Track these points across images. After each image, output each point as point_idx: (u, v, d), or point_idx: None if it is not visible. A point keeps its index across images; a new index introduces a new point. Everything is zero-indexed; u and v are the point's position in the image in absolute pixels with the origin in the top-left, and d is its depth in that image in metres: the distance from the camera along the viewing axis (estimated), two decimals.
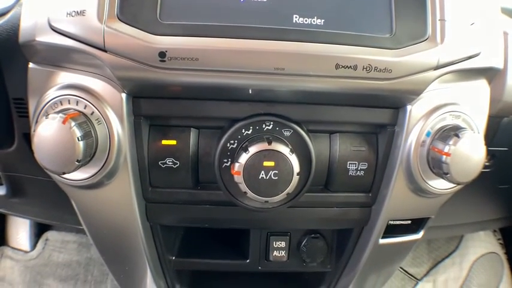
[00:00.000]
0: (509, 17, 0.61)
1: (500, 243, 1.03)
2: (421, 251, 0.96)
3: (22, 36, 0.46)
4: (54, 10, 0.43)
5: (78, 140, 0.42)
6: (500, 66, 0.51)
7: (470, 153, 0.47)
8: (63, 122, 0.43)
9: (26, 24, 0.46)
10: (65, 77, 0.47)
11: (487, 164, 0.64)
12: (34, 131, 0.47)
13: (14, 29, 0.49)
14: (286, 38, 0.41)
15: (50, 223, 0.94)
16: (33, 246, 1.01)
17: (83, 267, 0.93)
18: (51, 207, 0.75)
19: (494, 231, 1.01)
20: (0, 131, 0.60)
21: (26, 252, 1.01)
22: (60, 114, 0.43)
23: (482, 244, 0.99)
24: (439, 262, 0.96)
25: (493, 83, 0.54)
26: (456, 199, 0.58)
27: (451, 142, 0.46)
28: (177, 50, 0.40)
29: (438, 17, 0.44)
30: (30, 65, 0.48)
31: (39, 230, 1.01)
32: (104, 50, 0.42)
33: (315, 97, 0.46)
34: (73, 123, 0.43)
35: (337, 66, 0.41)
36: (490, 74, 0.51)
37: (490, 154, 0.62)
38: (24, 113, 0.54)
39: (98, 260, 0.66)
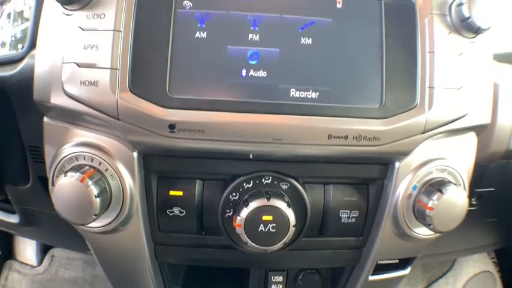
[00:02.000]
0: (504, 62, 0.68)
1: (494, 262, 1.12)
2: (416, 271, 1.06)
3: (36, 95, 0.53)
4: (68, 77, 0.49)
5: (95, 197, 0.51)
6: (488, 121, 0.58)
7: (452, 207, 0.55)
8: (81, 181, 0.51)
9: (40, 85, 0.52)
10: (79, 134, 0.55)
11: (474, 203, 0.72)
12: (53, 185, 0.55)
13: (27, 81, 0.55)
14: (283, 112, 0.49)
15: (58, 246, 1.04)
16: (40, 261, 1.11)
17: (89, 284, 1.03)
18: (61, 235, 0.83)
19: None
20: (16, 170, 0.69)
21: (33, 267, 1.11)
22: (78, 174, 0.50)
23: (476, 264, 1.08)
24: (433, 282, 1.05)
25: (480, 134, 0.61)
26: None
27: (434, 197, 0.54)
28: (185, 123, 0.48)
29: (427, 84, 0.52)
30: (45, 119, 0.56)
31: (45, 247, 1.11)
32: (117, 119, 0.50)
33: (309, 157, 0.54)
34: (90, 182, 0.51)
35: (329, 137, 0.49)
36: (478, 129, 0.59)
37: (478, 195, 0.70)
38: (39, 159, 0.62)
39: (103, 278, 0.75)
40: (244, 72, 0.49)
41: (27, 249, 1.11)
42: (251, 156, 0.51)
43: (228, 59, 0.49)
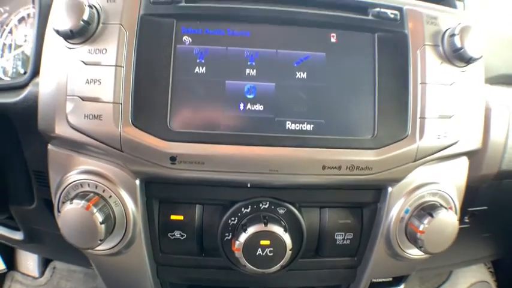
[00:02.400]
0: (495, 84, 0.70)
1: (491, 272, 1.16)
2: (413, 282, 1.09)
3: (41, 125, 0.56)
4: (72, 110, 0.52)
5: (100, 223, 0.54)
6: (479, 146, 0.61)
7: (443, 230, 0.58)
8: (87, 209, 0.54)
9: (44, 115, 0.55)
10: (83, 161, 0.57)
11: (466, 221, 0.75)
12: (58, 211, 0.58)
13: (31, 109, 0.58)
14: (279, 144, 0.52)
15: (61, 261, 1.07)
16: (42, 273, 1.14)
17: None
18: (64, 251, 0.86)
19: None
20: (21, 192, 0.71)
21: (35, 278, 1.14)
22: (83, 202, 0.53)
23: (472, 274, 1.11)
24: None
25: (472, 157, 0.64)
26: None
27: (425, 221, 0.57)
28: (186, 156, 0.51)
29: (419, 115, 0.54)
30: (50, 146, 0.58)
31: (46, 258, 1.14)
32: (120, 150, 0.53)
33: (305, 185, 0.57)
34: (95, 210, 0.54)
35: (323, 167, 0.52)
36: (470, 154, 0.62)
37: (470, 213, 0.73)
38: (44, 183, 0.65)
39: None
40: (242, 106, 0.52)
41: (29, 260, 1.14)
42: (249, 185, 0.55)
43: (227, 93, 0.52)
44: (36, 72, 0.62)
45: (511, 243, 0.87)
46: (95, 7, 0.52)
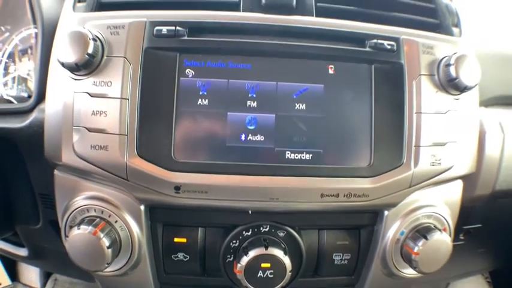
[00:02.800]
0: (489, 106, 0.73)
1: (488, 282, 1.19)
2: None
3: (47, 154, 0.58)
4: (79, 140, 0.54)
5: (107, 248, 0.57)
6: (473, 170, 0.64)
7: (436, 252, 0.61)
8: (94, 234, 0.57)
9: (50, 144, 0.57)
10: (89, 187, 0.60)
11: (461, 238, 0.78)
12: (66, 236, 0.61)
13: (36, 136, 0.60)
14: (279, 174, 0.55)
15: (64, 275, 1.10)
16: (44, 284, 1.17)
17: None
18: (67, 267, 0.89)
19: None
20: (27, 212, 0.74)
21: None
22: (91, 227, 0.56)
23: (470, 285, 1.14)
24: None
25: (466, 179, 0.67)
26: None
27: (420, 244, 0.61)
28: (190, 185, 0.54)
29: (414, 143, 0.57)
30: (56, 172, 0.61)
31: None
32: (126, 179, 0.55)
33: (304, 211, 0.60)
34: (102, 235, 0.57)
35: (322, 195, 0.56)
36: (464, 177, 0.64)
37: (465, 231, 0.77)
38: (50, 205, 0.68)
39: None
40: (243, 137, 0.55)
41: (31, 272, 1.17)
42: (250, 212, 0.58)
43: (229, 124, 0.55)
44: (41, 97, 0.65)
45: (507, 257, 0.90)
46: (99, 39, 0.55)
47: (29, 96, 0.69)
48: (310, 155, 0.56)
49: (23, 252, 0.86)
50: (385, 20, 0.61)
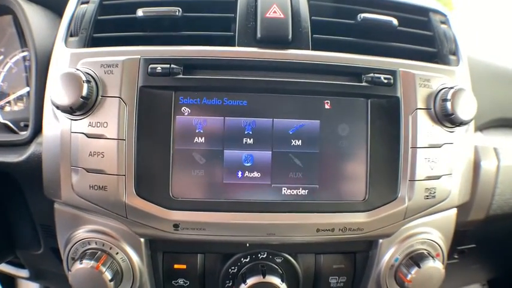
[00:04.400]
0: (485, 128, 0.72)
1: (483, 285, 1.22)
2: None
3: (47, 192, 0.59)
4: (78, 180, 0.54)
5: (110, 281, 0.58)
6: (467, 199, 0.64)
7: (429, 279, 0.62)
8: (96, 268, 0.58)
9: (49, 183, 0.58)
10: (90, 220, 0.60)
11: (455, 257, 0.79)
12: (68, 269, 0.62)
13: (35, 171, 0.60)
14: (276, 210, 0.55)
15: None
16: None
17: None
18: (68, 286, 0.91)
19: None
20: (28, 239, 0.74)
21: None
22: (93, 262, 0.57)
23: None
24: None
25: (460, 207, 0.67)
26: None
27: (413, 271, 0.62)
28: (188, 223, 0.55)
29: (408, 177, 0.57)
30: (56, 205, 0.61)
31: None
32: (126, 217, 0.56)
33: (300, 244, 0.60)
34: (104, 269, 0.58)
35: (317, 230, 0.56)
36: (458, 206, 0.65)
37: (459, 251, 0.77)
38: (51, 235, 0.68)
39: None
40: (240, 174, 0.55)
41: (29, 286, 1.20)
42: (248, 245, 0.59)
43: (225, 162, 0.55)
44: (37, 128, 0.64)
45: (503, 269, 0.91)
46: (93, 79, 0.54)
47: (26, 126, 0.69)
48: (306, 191, 0.56)
49: (24, 273, 0.86)
50: (382, 50, 0.60)
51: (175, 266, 0.65)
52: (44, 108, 0.60)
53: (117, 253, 0.60)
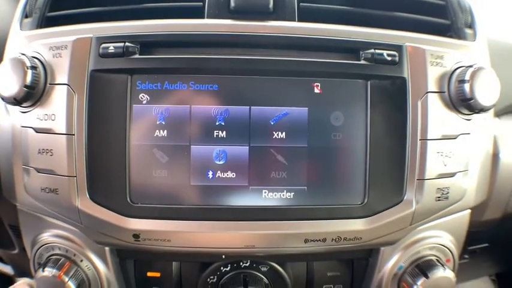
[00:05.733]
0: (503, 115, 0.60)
1: (493, 280, 1.13)
2: None
3: (5, 193, 0.52)
4: (29, 182, 0.47)
5: None
6: (484, 198, 0.53)
7: None
8: (58, 278, 0.50)
9: (6, 183, 0.50)
10: (52, 224, 0.52)
11: (466, 257, 0.69)
12: (34, 276, 0.55)
13: None
14: (255, 218, 0.45)
15: None
16: None
17: None
18: None
19: None
20: (3, 239, 0.69)
21: None
22: (55, 270, 0.49)
23: (474, 283, 1.08)
24: None
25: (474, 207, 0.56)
26: None
27: (419, 282, 0.52)
28: (150, 232, 0.46)
29: (417, 176, 0.47)
30: (18, 206, 0.53)
31: None
32: (81, 224, 0.47)
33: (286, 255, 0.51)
34: (67, 278, 0.50)
35: (306, 241, 0.46)
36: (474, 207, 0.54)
37: (470, 251, 0.67)
38: (20, 236, 0.61)
39: None
40: (210, 174, 0.46)
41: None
42: (223, 257, 0.49)
43: (192, 159, 0.45)
44: None
45: None
46: (42, 63, 0.45)
47: None
48: (292, 194, 0.46)
49: (9, 270, 0.83)
50: (384, 22, 0.48)
51: (149, 274, 0.57)
52: None
53: (81, 260, 0.52)
